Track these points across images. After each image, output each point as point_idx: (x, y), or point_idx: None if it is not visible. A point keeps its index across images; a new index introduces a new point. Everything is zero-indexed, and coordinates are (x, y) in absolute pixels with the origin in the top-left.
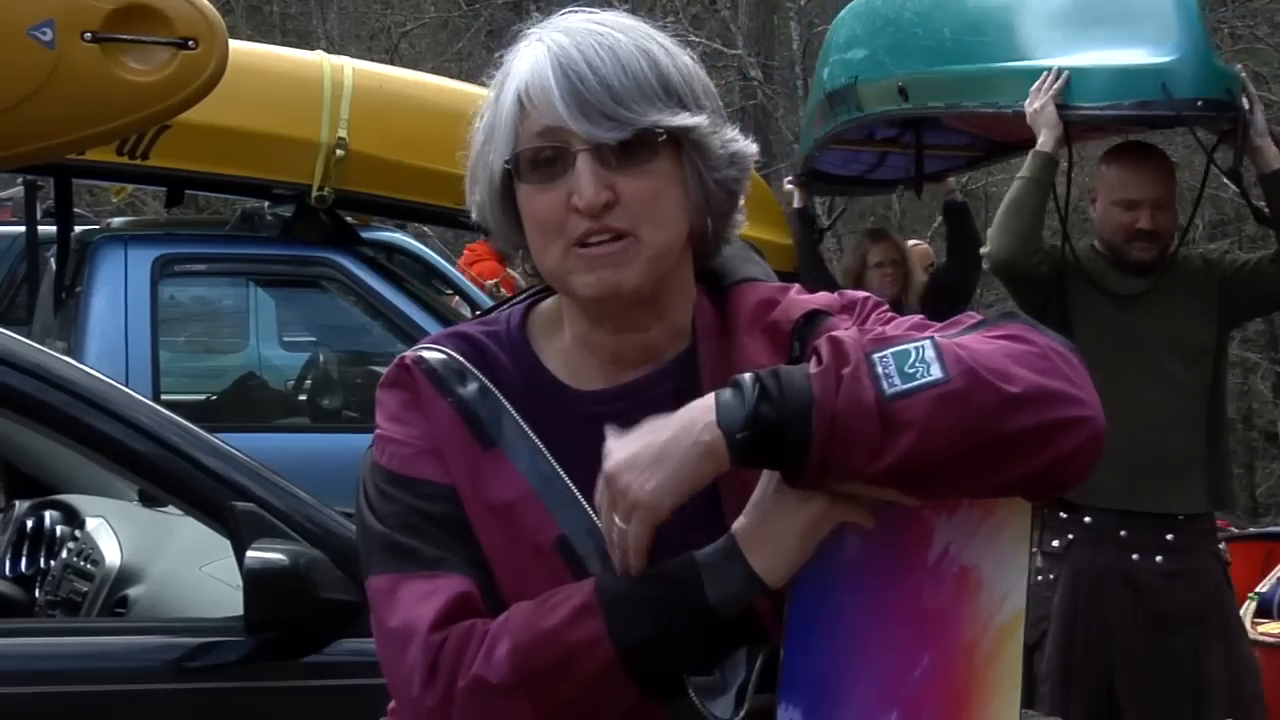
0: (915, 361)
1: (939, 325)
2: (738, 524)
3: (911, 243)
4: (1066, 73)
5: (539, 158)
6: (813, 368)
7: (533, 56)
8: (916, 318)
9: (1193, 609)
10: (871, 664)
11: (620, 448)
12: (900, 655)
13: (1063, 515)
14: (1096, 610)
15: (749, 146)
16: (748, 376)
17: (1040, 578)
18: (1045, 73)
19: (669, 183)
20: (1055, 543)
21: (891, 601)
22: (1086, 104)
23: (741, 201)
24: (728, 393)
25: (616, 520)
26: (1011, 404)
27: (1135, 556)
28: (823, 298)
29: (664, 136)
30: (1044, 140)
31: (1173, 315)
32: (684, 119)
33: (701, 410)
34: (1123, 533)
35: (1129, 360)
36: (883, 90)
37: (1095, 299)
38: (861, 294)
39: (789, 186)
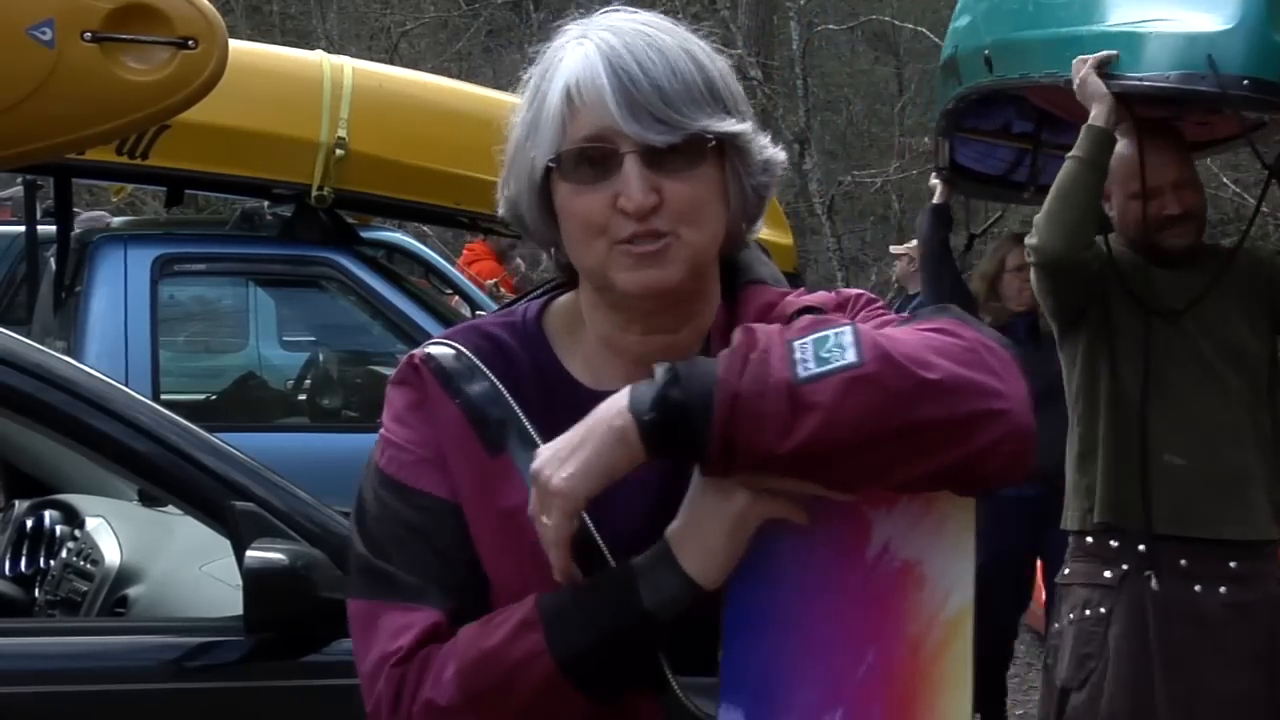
0: (831, 346)
1: (896, 318)
2: (671, 526)
3: (915, 242)
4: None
5: (586, 157)
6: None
7: (582, 54)
8: (904, 315)
9: (1260, 646)
10: (814, 662)
11: (548, 445)
12: (843, 653)
13: (1113, 544)
14: (1168, 643)
15: (779, 154)
16: (663, 364)
17: (1088, 612)
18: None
19: (712, 187)
20: (1107, 573)
21: (831, 599)
22: (1130, 74)
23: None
24: (644, 380)
25: (543, 518)
26: (926, 392)
27: (1198, 588)
28: (819, 296)
29: (714, 142)
30: (1095, 114)
31: (1223, 321)
32: (731, 125)
33: (618, 398)
34: (1182, 561)
35: (1183, 372)
36: (974, 60)
37: (1139, 309)
38: (855, 291)
39: (933, 181)
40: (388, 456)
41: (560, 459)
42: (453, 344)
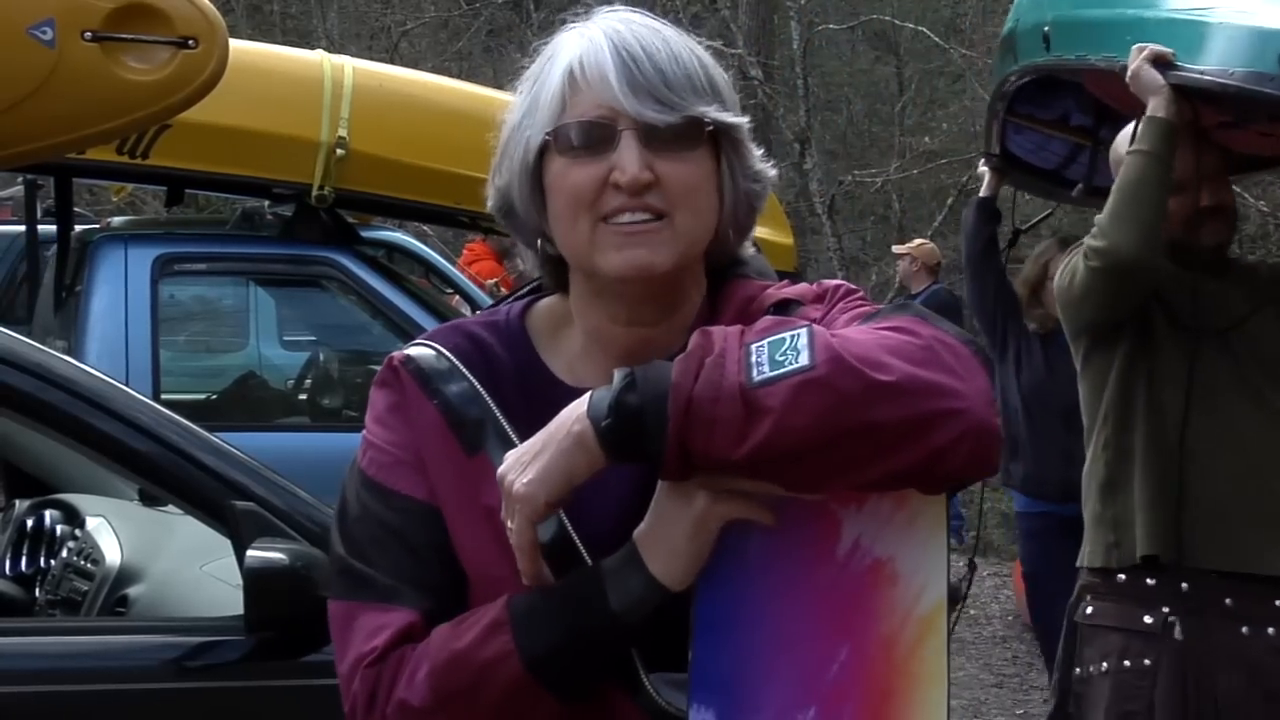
0: (786, 349)
1: (871, 309)
2: (638, 529)
3: (917, 242)
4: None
5: (583, 131)
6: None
7: (587, 38)
8: (881, 306)
9: None
10: (785, 661)
11: (514, 450)
12: (815, 651)
13: (1149, 582)
14: (1208, 700)
15: (770, 169)
16: (622, 369)
17: (1129, 663)
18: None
19: (707, 175)
20: (1147, 619)
21: (801, 597)
22: (1192, 66)
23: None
24: (603, 387)
25: (509, 523)
26: (880, 393)
27: (1245, 630)
28: (799, 288)
29: (711, 128)
30: (1154, 105)
31: (1268, 340)
32: (729, 116)
33: (578, 403)
34: (1228, 601)
35: (1229, 393)
36: (1033, 36)
37: (1182, 325)
38: (834, 282)
39: (982, 168)
40: (368, 458)
41: (523, 464)
42: (432, 345)
